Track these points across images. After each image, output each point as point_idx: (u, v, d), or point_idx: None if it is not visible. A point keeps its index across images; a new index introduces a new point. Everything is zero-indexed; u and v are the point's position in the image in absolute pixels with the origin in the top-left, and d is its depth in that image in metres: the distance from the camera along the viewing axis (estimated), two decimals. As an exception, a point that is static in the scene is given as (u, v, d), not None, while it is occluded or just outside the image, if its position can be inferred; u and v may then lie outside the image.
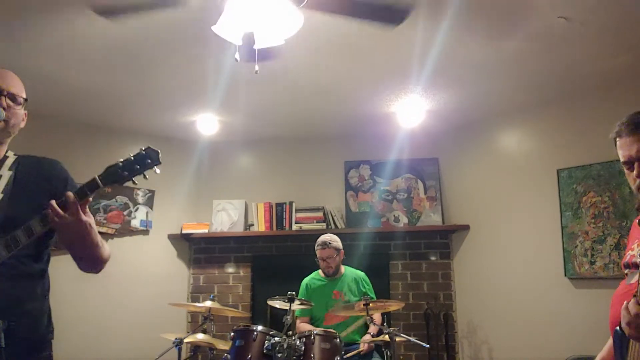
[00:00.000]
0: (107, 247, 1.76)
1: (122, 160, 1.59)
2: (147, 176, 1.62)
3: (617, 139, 1.60)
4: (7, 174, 1.63)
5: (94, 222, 1.63)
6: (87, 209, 1.60)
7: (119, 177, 1.58)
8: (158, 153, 1.63)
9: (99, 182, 1.56)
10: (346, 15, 2.77)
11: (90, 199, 1.59)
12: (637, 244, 1.59)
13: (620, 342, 1.41)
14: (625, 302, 1.32)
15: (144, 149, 1.62)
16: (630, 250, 1.62)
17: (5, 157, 1.68)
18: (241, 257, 5.13)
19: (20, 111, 1.69)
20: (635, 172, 1.54)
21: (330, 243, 3.85)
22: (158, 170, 1.62)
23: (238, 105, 4.30)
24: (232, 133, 5.02)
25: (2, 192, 1.58)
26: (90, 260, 1.73)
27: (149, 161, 1.61)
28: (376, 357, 3.65)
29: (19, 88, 1.70)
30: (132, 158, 1.60)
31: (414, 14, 2.84)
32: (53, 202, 1.51)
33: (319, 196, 5.12)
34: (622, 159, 1.59)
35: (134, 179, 1.60)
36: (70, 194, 1.53)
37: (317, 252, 3.90)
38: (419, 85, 3.85)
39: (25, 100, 1.70)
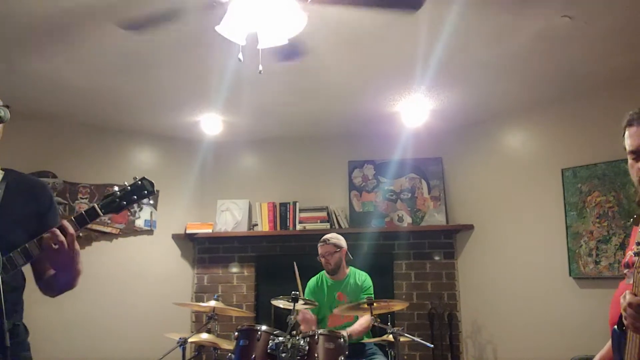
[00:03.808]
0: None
1: (118, 190, 1.68)
2: (142, 205, 1.70)
3: (627, 128, 1.59)
4: None
5: (80, 253, 1.67)
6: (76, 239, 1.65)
7: (117, 206, 1.67)
8: (153, 184, 1.71)
9: (99, 211, 1.65)
10: (361, 5, 2.72)
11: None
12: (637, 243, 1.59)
13: (618, 341, 1.43)
14: (624, 292, 1.36)
15: (139, 179, 1.70)
16: (630, 250, 1.62)
17: None
18: (245, 257, 5.14)
19: None
20: None
21: (329, 240, 3.85)
22: (152, 201, 1.69)
23: (242, 105, 4.31)
24: (236, 133, 5.02)
25: None
26: (62, 286, 1.76)
27: (145, 192, 1.69)
28: (380, 356, 3.65)
29: None
30: (129, 188, 1.68)
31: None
32: (56, 229, 1.56)
33: (323, 196, 5.12)
34: (629, 148, 1.58)
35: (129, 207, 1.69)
36: (67, 223, 1.59)
37: (318, 250, 3.90)
38: (423, 84, 3.85)
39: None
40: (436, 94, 4.07)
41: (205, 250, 5.19)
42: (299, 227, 4.96)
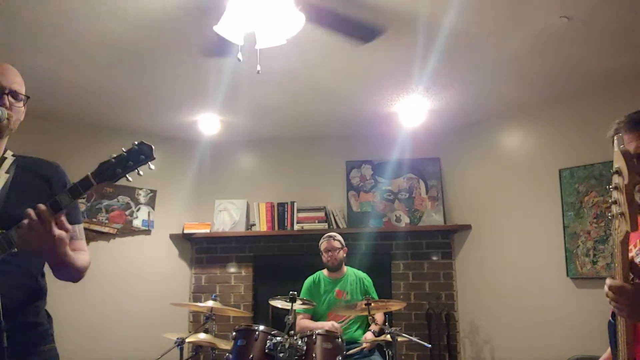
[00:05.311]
0: (84, 260, 1.65)
1: (114, 156, 1.51)
2: (141, 172, 1.52)
3: (615, 137, 1.61)
4: (4, 176, 1.61)
5: (67, 237, 1.48)
6: (65, 220, 1.48)
7: (112, 174, 1.49)
8: (152, 148, 1.52)
9: (92, 180, 1.49)
10: (325, 27, 2.84)
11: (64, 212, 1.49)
12: (634, 244, 1.60)
13: (614, 333, 1.45)
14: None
15: (136, 143, 1.51)
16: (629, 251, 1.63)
17: (4, 159, 1.66)
18: (243, 257, 5.13)
19: (22, 108, 1.67)
20: None
21: (335, 236, 4.00)
22: (152, 166, 1.53)
23: (240, 105, 4.31)
24: (233, 133, 5.02)
25: None
26: (64, 273, 1.61)
27: (143, 157, 1.51)
28: (378, 356, 3.65)
29: (20, 85, 1.68)
30: (125, 154, 1.51)
31: (386, 35, 2.99)
32: (30, 210, 1.40)
33: (321, 196, 5.11)
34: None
35: (127, 175, 1.51)
36: (41, 205, 1.41)
37: (323, 245, 3.97)
38: (421, 84, 3.85)
39: (27, 97, 1.68)
40: (434, 94, 4.07)
41: (203, 250, 5.19)
42: (296, 227, 4.96)
